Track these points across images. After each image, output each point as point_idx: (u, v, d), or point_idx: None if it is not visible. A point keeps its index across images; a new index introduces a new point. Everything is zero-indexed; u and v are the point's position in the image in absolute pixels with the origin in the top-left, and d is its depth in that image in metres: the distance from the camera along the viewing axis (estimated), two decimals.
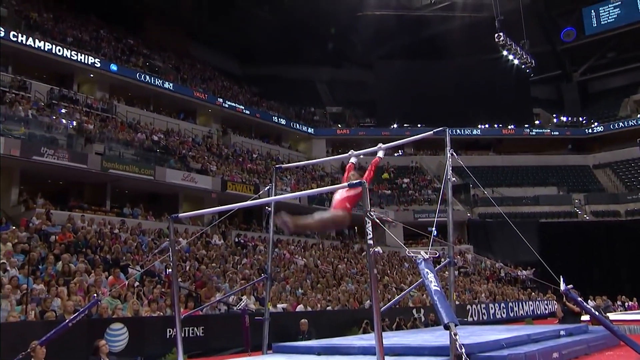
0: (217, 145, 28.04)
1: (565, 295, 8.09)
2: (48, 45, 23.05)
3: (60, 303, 9.80)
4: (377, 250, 4.62)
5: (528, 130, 41.25)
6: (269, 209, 8.48)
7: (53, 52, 23.19)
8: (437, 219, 7.01)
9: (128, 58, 28.23)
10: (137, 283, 12.14)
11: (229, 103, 31.51)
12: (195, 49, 39.21)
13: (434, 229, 6.80)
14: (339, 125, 40.06)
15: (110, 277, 11.90)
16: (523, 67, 33.59)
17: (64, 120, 20.17)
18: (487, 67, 40.35)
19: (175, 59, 33.95)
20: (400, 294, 11.16)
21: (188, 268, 14.53)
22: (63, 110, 21.23)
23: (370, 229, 4.63)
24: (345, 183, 5.45)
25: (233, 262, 16.81)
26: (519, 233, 8.63)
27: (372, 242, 4.62)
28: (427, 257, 4.67)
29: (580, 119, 42.69)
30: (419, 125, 35.23)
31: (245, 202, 7.16)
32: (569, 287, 6.86)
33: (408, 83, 39.45)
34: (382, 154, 6.53)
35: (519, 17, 29.66)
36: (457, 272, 23.65)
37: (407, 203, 32.91)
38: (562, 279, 6.82)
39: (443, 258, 7.79)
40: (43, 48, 22.81)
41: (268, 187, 8.79)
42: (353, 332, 12.57)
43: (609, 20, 40.94)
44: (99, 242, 14.35)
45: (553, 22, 42.83)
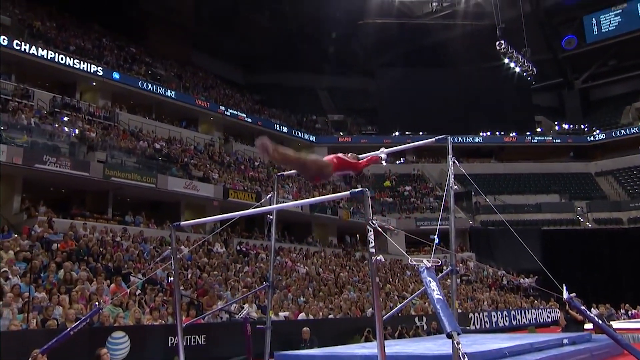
0: (219, 153, 28.05)
1: (568, 304, 8.06)
2: (51, 54, 23.13)
3: (62, 311, 9.78)
4: (379, 259, 4.59)
5: (530, 138, 41.26)
6: (271, 217, 8.50)
7: (56, 60, 23.27)
8: (439, 227, 7.00)
9: (130, 66, 28.31)
10: (138, 291, 12.11)
11: (231, 111, 31.55)
12: (197, 57, 39.33)
13: (436, 237, 6.77)
14: (341, 133, 40.09)
15: (112, 285, 11.88)
16: (524, 74, 33.64)
17: (67, 129, 20.21)
18: (488, 75, 40.41)
19: (178, 67, 34.05)
20: (403, 302, 11.14)
21: (190, 276, 14.51)
22: (65, 119, 21.27)
23: (373, 237, 4.63)
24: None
25: (235, 270, 16.78)
26: (521, 241, 8.61)
27: (374, 250, 4.61)
28: (429, 265, 4.65)
29: (582, 127, 42.68)
30: (421, 133, 35.26)
31: (247, 210, 7.18)
32: (572, 295, 6.84)
33: (409, 91, 39.49)
34: (383, 156, 6.45)
35: (520, 25, 29.71)
36: (459, 280, 23.60)
37: (409, 211, 32.90)
38: (564, 287, 6.79)
39: (445, 266, 7.79)
40: (46, 56, 22.89)
41: (270, 195, 8.80)
42: (355, 340, 12.54)
43: (610, 29, 41.02)
44: (101, 250, 14.33)
45: (554, 30, 42.88)
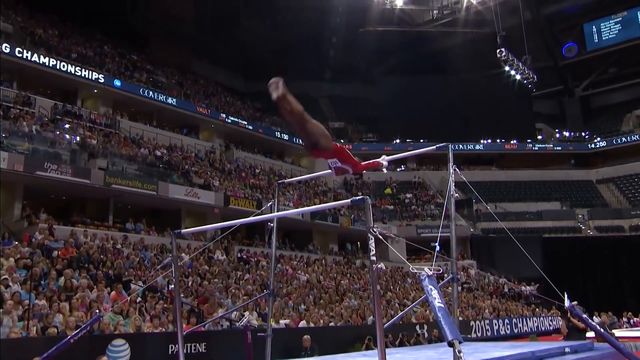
0: (219, 161, 28.08)
1: (570, 312, 8.03)
2: (53, 61, 23.18)
3: (62, 319, 9.76)
4: (380, 266, 4.57)
5: (530, 146, 41.26)
6: (272, 225, 8.49)
7: (57, 68, 23.33)
8: (440, 235, 6.99)
9: (132, 74, 28.37)
10: (139, 299, 12.08)
11: (232, 118, 31.58)
12: (199, 65, 39.44)
13: (437, 245, 6.75)
14: (342, 141, 40.01)
15: (113, 292, 11.86)
16: (525, 82, 33.69)
17: (68, 136, 20.26)
18: (489, 82, 40.48)
19: (179, 75, 34.14)
20: (404, 310, 11.10)
21: (190, 284, 14.48)
22: (67, 126, 21.32)
23: (373, 245, 4.62)
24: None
25: (235, 277, 16.74)
26: (522, 248, 8.59)
27: (375, 258, 4.60)
28: (430, 273, 4.65)
29: (583, 134, 42.68)
30: (422, 141, 35.33)
31: (248, 217, 7.16)
32: (574, 303, 6.80)
33: (410, 98, 39.50)
34: (385, 163, 6.43)
35: (521, 32, 29.78)
36: (460, 287, 23.54)
37: (409, 218, 32.89)
38: (566, 295, 6.77)
39: (446, 274, 7.77)
40: (48, 64, 22.95)
41: (270, 202, 8.79)
42: (356, 348, 12.49)
43: (610, 36, 41.17)
44: (102, 257, 14.31)
45: (554, 37, 43.02)
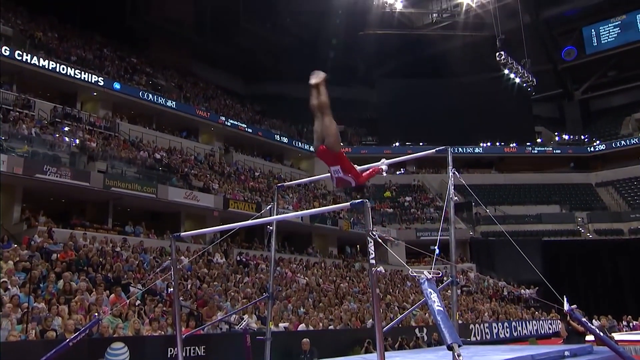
0: (219, 164, 28.06)
1: (569, 315, 8.03)
2: (52, 64, 23.17)
3: (61, 322, 9.75)
4: (379, 270, 4.57)
5: (530, 149, 41.25)
6: (271, 228, 8.49)
7: (57, 70, 23.31)
8: (439, 238, 6.98)
9: (131, 76, 28.37)
10: (138, 302, 12.07)
11: (231, 121, 31.54)
12: (198, 68, 39.44)
13: (437, 248, 6.76)
14: (341, 144, 39.99)
15: (112, 295, 11.85)
16: (524, 85, 33.67)
17: (67, 139, 20.25)
18: (488, 85, 40.45)
19: (178, 78, 34.14)
20: (403, 314, 11.08)
21: (189, 287, 14.47)
22: (66, 129, 21.29)
23: (373, 248, 4.62)
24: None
25: (235, 280, 16.73)
26: (522, 252, 8.59)
27: (374, 261, 4.60)
28: (429, 276, 4.64)
29: (582, 137, 42.68)
30: (421, 144, 35.30)
31: (247, 220, 7.17)
32: (573, 306, 6.81)
33: (410, 101, 39.52)
34: (385, 167, 6.48)
35: (520, 36, 29.82)
36: (459, 291, 23.51)
37: (409, 221, 32.86)
38: (565, 299, 6.76)
39: (446, 277, 7.76)
40: (47, 67, 22.93)
41: (270, 205, 8.80)
42: (355, 351, 12.47)
43: (609, 40, 41.23)
44: (101, 260, 14.30)
45: (554, 41, 43.07)
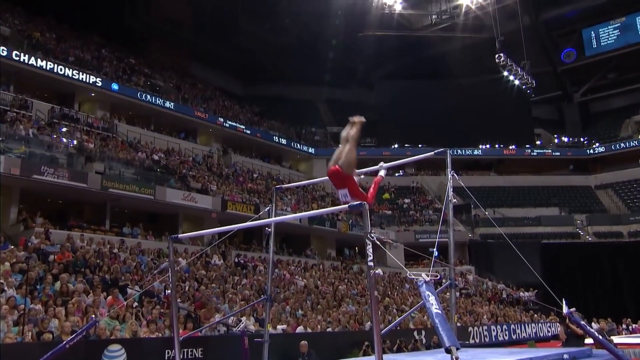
0: (217, 165, 28.03)
1: (568, 318, 7.99)
2: (50, 65, 23.14)
3: (58, 324, 9.70)
4: (377, 272, 4.54)
5: (529, 151, 41.19)
6: (269, 230, 8.46)
7: (55, 71, 23.28)
8: (438, 240, 6.95)
9: (129, 77, 28.31)
10: (135, 303, 12.04)
11: (230, 123, 31.51)
12: (197, 69, 39.43)
13: (435, 250, 6.72)
14: (340, 146, 39.95)
15: (109, 297, 11.79)
16: (524, 87, 33.58)
17: (65, 139, 20.19)
18: (488, 87, 40.39)
19: (177, 79, 34.10)
20: (401, 316, 11.05)
21: (187, 288, 14.42)
22: (64, 129, 21.23)
23: (371, 250, 4.58)
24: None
25: (233, 282, 16.69)
26: (520, 254, 8.56)
27: (372, 263, 4.56)
28: (428, 279, 4.61)
29: (582, 140, 42.66)
30: (420, 146, 35.29)
31: (246, 222, 7.13)
32: (572, 309, 6.77)
33: (409, 103, 39.50)
34: (383, 173, 6.53)
35: (520, 38, 29.78)
36: (458, 293, 23.47)
37: (408, 223, 32.83)
38: (564, 302, 6.73)
39: (444, 279, 7.72)
40: (45, 67, 22.90)
41: (268, 207, 8.76)
42: (353, 354, 12.43)
43: (609, 42, 41.24)
44: (98, 261, 14.25)
45: (553, 43, 43.09)
